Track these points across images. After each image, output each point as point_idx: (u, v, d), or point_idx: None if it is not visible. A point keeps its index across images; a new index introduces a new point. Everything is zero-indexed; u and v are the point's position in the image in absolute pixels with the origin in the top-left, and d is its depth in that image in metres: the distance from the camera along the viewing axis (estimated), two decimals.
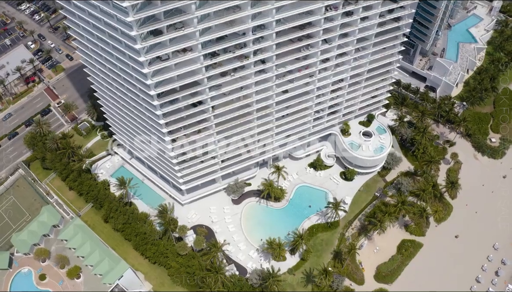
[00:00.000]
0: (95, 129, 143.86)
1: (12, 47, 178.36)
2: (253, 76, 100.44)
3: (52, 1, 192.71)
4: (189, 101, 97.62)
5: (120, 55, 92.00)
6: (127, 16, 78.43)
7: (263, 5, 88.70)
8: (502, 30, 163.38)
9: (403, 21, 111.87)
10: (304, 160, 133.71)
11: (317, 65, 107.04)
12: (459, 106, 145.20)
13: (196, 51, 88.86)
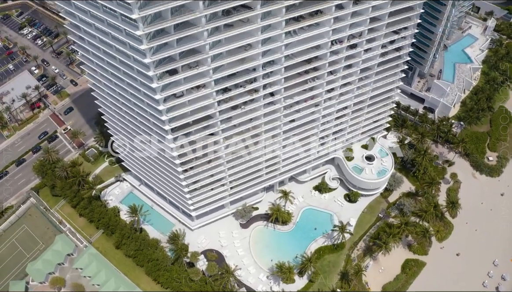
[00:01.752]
0: (102, 155, 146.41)
1: (15, 72, 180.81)
2: (262, 108, 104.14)
3: (55, 26, 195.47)
4: (202, 134, 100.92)
5: (135, 91, 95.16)
6: (145, 57, 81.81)
7: (273, 42, 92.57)
8: (496, 49, 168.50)
9: (403, 50, 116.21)
10: (308, 183, 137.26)
11: (323, 95, 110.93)
12: (457, 126, 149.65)
13: (209, 88, 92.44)
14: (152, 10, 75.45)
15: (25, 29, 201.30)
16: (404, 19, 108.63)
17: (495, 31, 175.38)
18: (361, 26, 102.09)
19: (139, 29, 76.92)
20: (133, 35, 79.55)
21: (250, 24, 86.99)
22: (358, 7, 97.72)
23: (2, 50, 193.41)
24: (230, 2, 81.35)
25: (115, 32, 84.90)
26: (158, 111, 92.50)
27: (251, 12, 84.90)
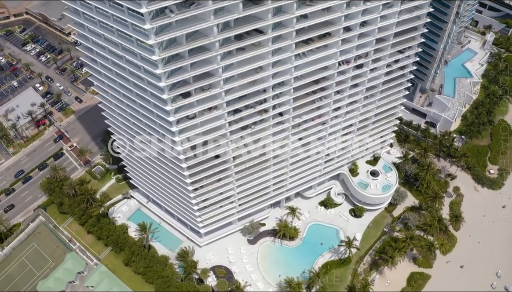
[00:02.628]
0: (109, 172, 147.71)
1: (19, 89, 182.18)
2: (271, 127, 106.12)
3: (59, 43, 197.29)
4: (212, 153, 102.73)
5: (147, 113, 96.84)
6: (160, 81, 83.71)
7: (283, 64, 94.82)
8: (496, 63, 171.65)
9: (407, 68, 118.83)
10: (314, 198, 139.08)
11: (329, 114, 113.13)
12: (458, 140, 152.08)
13: (221, 109, 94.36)
14: (168, 35, 77.44)
15: (28, 45, 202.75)
16: (409, 39, 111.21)
17: (494, 44, 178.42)
18: (367, 46, 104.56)
19: (155, 54, 78.85)
20: (149, 59, 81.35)
21: (262, 47, 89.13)
22: (365, 28, 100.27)
23: (5, 66, 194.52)
24: (243, 27, 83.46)
25: (130, 55, 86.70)
26: (171, 133, 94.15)
27: (262, 36, 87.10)
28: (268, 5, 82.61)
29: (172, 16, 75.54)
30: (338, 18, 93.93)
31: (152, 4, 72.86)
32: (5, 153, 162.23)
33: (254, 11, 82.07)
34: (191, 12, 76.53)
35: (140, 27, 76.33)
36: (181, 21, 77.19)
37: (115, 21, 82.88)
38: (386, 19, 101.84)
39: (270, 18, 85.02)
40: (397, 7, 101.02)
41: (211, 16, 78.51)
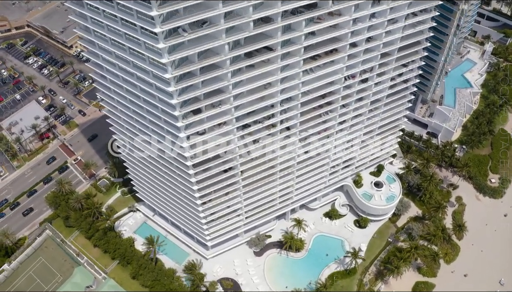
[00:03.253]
0: (114, 186, 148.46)
1: (22, 102, 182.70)
2: (278, 141, 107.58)
3: (61, 56, 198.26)
4: (221, 168, 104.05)
5: (157, 129, 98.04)
6: (171, 98, 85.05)
7: (291, 80, 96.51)
8: (495, 73, 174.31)
9: (410, 81, 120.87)
10: (319, 210, 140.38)
11: (335, 127, 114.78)
12: (459, 150, 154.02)
13: (231, 125, 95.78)
14: (181, 54, 78.91)
15: (30, 58, 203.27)
16: (412, 53, 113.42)
17: (493, 54, 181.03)
18: (372, 61, 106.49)
19: (168, 72, 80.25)
20: (161, 77, 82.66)
21: (271, 64, 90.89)
22: (370, 44, 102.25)
23: (8, 79, 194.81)
24: (254, 44, 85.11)
25: (141, 73, 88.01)
26: (181, 148, 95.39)
27: (272, 53, 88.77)
28: (278, 23, 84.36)
29: (186, 35, 77.01)
30: (344, 35, 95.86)
31: (166, 24, 74.28)
32: (9, 167, 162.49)
33: (264, 29, 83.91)
34: (203, 31, 78.09)
35: (154, 46, 77.66)
36: (193, 39, 78.61)
37: (127, 39, 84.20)
38: (390, 34, 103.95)
39: (280, 36, 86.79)
40: (401, 23, 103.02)
41: (223, 35, 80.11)
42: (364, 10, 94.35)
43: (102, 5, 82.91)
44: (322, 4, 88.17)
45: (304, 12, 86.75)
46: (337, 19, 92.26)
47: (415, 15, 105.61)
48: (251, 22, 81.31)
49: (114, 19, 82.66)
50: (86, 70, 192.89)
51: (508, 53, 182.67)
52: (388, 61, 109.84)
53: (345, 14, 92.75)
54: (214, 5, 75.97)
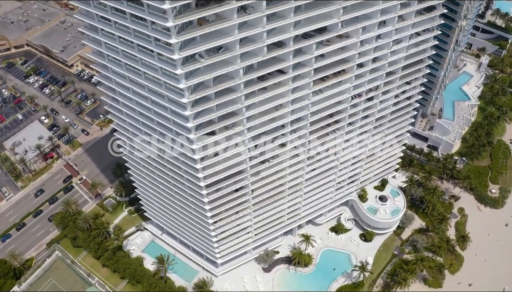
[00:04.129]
0: (120, 205, 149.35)
1: (25, 122, 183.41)
2: (288, 160, 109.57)
3: (62, 75, 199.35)
4: (232, 187, 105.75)
5: (170, 150, 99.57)
6: (187, 122, 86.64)
7: (301, 100, 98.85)
8: (491, 85, 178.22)
9: (413, 98, 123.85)
10: (325, 225, 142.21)
11: (342, 144, 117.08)
12: (460, 162, 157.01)
13: (243, 145, 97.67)
14: (198, 79, 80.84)
15: (31, 77, 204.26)
16: (415, 71, 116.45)
17: (489, 66, 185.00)
18: (378, 80, 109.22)
19: (185, 97, 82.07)
20: (177, 101, 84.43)
21: (282, 86, 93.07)
22: (376, 64, 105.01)
23: (9, 99, 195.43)
24: (267, 68, 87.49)
25: (156, 97, 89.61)
26: (194, 169, 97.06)
27: (284, 76, 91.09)
28: (290, 46, 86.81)
29: (202, 61, 79.03)
30: (352, 56, 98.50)
31: (184, 51, 76.22)
32: (13, 187, 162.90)
33: (277, 53, 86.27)
34: (220, 57, 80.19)
35: (171, 72, 79.48)
36: (209, 65, 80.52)
37: (143, 64, 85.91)
38: (395, 53, 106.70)
39: (291, 59, 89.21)
40: (405, 42, 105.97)
41: (238, 60, 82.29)
42: (371, 32, 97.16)
43: (117, 31, 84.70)
44: (332, 27, 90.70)
45: (314, 35, 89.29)
46: (345, 41, 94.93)
47: (419, 35, 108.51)
48: (265, 47, 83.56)
49: (131, 45, 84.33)
50: (87, 89, 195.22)
51: (504, 65, 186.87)
52: (393, 80, 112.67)
53: (353, 36, 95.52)
54: (230, 31, 78.15)
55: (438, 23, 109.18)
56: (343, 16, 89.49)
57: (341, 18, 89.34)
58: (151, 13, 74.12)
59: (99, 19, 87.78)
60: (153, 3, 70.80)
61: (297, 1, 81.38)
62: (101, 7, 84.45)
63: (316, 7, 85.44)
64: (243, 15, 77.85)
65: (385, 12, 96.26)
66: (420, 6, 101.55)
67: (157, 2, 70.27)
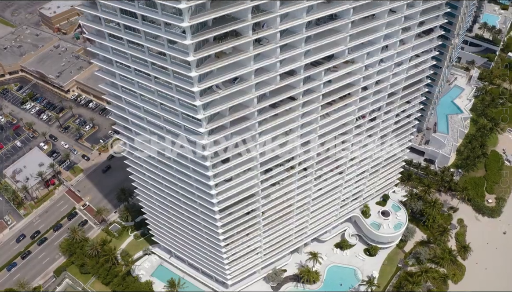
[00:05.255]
0: (126, 230, 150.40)
1: (24, 149, 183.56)
2: (296, 181, 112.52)
3: (59, 101, 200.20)
4: (244, 210, 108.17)
5: (184, 177, 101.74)
6: (204, 150, 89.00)
7: (310, 125, 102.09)
8: (482, 97, 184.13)
9: (413, 115, 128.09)
10: (329, 241, 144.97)
11: (346, 164, 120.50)
12: (456, 174, 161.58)
13: (255, 170, 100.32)
14: (215, 109, 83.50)
15: (27, 103, 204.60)
16: (414, 90, 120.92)
17: (479, 79, 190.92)
18: (380, 101, 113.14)
19: (202, 127, 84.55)
20: (194, 131, 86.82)
21: (293, 112, 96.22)
22: (379, 86, 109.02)
23: (6, 126, 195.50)
24: (279, 96, 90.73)
25: (172, 127, 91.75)
26: (209, 195, 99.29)
27: (294, 102, 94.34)
28: (301, 74, 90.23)
29: (220, 92, 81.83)
30: (357, 80, 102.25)
31: (203, 83, 78.89)
32: (16, 216, 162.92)
33: (289, 81, 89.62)
34: (236, 87, 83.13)
35: (190, 103, 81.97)
36: (226, 95, 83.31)
37: (159, 96, 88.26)
38: (397, 75, 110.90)
39: (302, 86, 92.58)
40: (406, 64, 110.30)
41: (253, 89, 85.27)
42: (374, 57, 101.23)
43: (134, 64, 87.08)
44: (339, 54, 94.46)
45: (323, 62, 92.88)
46: (351, 66, 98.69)
47: (418, 56, 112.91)
48: (278, 76, 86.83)
49: (147, 77, 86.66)
50: (85, 114, 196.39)
51: (493, 77, 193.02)
52: (394, 100, 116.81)
53: (358, 61, 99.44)
54: (246, 63, 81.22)
55: (436, 44, 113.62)
56: (350, 43, 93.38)
57: (348, 45, 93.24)
58: (171, 47, 76.76)
59: (114, 52, 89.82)
60: (175, 38, 73.43)
61: (308, 31, 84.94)
62: (117, 41, 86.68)
63: (325, 36, 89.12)
64: (258, 47, 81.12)
65: (387, 37, 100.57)
66: (420, 29, 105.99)
67: (179, 38, 73.00)
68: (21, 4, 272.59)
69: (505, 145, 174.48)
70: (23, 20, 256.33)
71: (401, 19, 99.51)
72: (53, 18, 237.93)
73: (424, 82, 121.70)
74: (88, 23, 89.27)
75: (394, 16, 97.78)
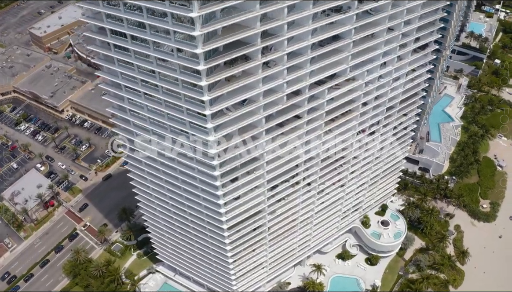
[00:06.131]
0: (128, 249, 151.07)
1: (20, 170, 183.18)
2: (300, 196, 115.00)
3: (54, 121, 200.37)
4: (252, 227, 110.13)
5: (194, 197, 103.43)
6: (214, 170, 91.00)
7: (314, 141, 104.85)
8: (472, 105, 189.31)
9: (409, 127, 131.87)
10: (331, 252, 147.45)
11: (347, 177, 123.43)
12: (450, 181, 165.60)
13: (262, 188, 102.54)
14: (226, 131, 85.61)
15: (21, 124, 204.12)
16: (411, 103, 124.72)
17: (467, 87, 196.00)
18: (379, 116, 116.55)
19: (213, 148, 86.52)
20: (204, 151, 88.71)
21: (298, 129, 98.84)
22: (378, 101, 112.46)
23: (1, 147, 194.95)
24: (285, 115, 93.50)
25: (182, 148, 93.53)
26: (218, 214, 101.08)
27: (300, 121, 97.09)
28: (306, 94, 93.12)
29: (230, 114, 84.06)
30: (358, 96, 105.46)
31: (215, 106, 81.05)
32: (16, 238, 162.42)
33: (295, 100, 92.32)
34: (245, 109, 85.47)
35: (201, 126, 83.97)
36: (236, 117, 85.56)
37: (169, 119, 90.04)
38: (394, 90, 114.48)
39: (306, 105, 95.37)
40: (403, 79, 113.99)
41: (261, 110, 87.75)
42: (374, 73, 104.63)
43: (144, 88, 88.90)
44: (341, 72, 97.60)
45: (326, 81, 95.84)
46: (352, 83, 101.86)
47: (414, 70, 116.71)
48: (285, 96, 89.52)
49: (158, 101, 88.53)
50: (81, 133, 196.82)
51: (481, 84, 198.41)
52: (392, 113, 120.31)
53: (359, 79, 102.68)
54: (255, 85, 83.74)
55: (431, 58, 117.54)
56: (351, 61, 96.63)
57: (350, 63, 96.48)
58: (183, 72, 78.81)
59: (123, 77, 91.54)
60: (188, 64, 75.54)
61: (313, 52, 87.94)
62: (128, 66, 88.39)
63: (328, 56, 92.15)
64: (266, 70, 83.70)
65: (386, 54, 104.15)
66: (416, 45, 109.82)
67: (192, 64, 75.14)
68: (10, 24, 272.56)
69: (496, 151, 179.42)
70: (13, 40, 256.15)
71: (398, 36, 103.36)
72: (43, 37, 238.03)
73: (420, 94, 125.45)
74: (97, 49, 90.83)
75: (392, 34, 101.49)
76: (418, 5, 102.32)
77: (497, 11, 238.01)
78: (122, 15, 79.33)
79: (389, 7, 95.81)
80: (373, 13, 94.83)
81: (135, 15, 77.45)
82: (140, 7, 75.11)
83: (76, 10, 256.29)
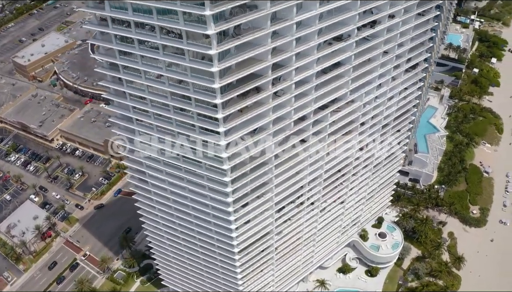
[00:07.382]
0: (131, 276, 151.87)
1: (14, 202, 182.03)
2: (305, 216, 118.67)
3: (46, 151, 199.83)
4: (260, 248, 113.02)
5: (203, 223, 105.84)
6: (227, 197, 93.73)
7: (317, 162, 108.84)
8: (455, 115, 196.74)
9: (403, 142, 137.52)
10: (332, 267, 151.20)
11: (347, 194, 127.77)
12: (440, 190, 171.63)
13: (270, 210, 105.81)
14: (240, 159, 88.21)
15: (11, 155, 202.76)
16: (403, 120, 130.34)
17: (449, 97, 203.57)
18: (376, 134, 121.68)
19: (227, 176, 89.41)
20: (218, 180, 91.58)
21: (303, 153, 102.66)
22: (375, 120, 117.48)
23: None
24: (293, 140, 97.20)
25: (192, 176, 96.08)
26: (229, 238, 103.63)
27: (305, 144, 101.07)
28: (311, 119, 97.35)
29: (243, 143, 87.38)
30: (357, 117, 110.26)
31: (229, 136, 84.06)
32: (16, 271, 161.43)
33: (301, 126, 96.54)
34: (258, 137, 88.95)
35: (217, 156, 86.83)
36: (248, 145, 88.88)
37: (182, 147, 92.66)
38: (389, 108, 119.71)
39: (311, 129, 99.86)
40: (396, 98, 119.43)
41: (271, 137, 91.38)
42: (371, 94, 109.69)
43: (155, 121, 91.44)
44: (342, 96, 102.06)
45: (329, 105, 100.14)
46: (351, 106, 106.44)
47: (406, 89, 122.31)
48: (292, 122, 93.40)
49: (171, 133, 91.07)
50: (72, 162, 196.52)
51: (462, 94, 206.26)
52: (387, 131, 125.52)
53: (358, 101, 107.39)
54: (266, 114, 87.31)
55: (421, 77, 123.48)
56: (351, 85, 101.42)
57: (350, 87, 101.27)
58: (199, 105, 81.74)
59: (134, 111, 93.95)
60: (205, 98, 78.59)
61: (317, 79, 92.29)
62: (139, 100, 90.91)
63: (330, 82, 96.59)
64: (276, 99, 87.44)
65: (381, 76, 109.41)
66: (408, 65, 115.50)
67: (208, 97, 78.23)
68: None
69: (482, 158, 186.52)
70: None
71: (392, 58, 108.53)
72: (28, 66, 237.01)
73: (412, 111, 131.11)
74: (108, 84, 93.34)
75: (387, 56, 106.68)
76: (409, 28, 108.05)
77: (472, 21, 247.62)
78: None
79: (385, 32, 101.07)
80: (370, 39, 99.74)
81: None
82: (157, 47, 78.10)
83: (59, 37, 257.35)
